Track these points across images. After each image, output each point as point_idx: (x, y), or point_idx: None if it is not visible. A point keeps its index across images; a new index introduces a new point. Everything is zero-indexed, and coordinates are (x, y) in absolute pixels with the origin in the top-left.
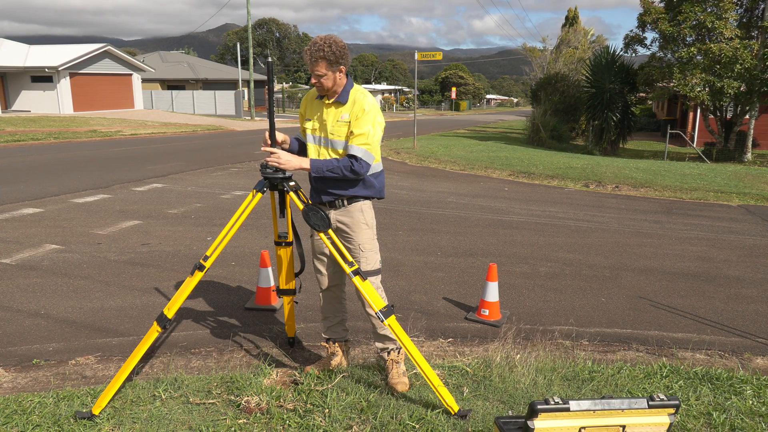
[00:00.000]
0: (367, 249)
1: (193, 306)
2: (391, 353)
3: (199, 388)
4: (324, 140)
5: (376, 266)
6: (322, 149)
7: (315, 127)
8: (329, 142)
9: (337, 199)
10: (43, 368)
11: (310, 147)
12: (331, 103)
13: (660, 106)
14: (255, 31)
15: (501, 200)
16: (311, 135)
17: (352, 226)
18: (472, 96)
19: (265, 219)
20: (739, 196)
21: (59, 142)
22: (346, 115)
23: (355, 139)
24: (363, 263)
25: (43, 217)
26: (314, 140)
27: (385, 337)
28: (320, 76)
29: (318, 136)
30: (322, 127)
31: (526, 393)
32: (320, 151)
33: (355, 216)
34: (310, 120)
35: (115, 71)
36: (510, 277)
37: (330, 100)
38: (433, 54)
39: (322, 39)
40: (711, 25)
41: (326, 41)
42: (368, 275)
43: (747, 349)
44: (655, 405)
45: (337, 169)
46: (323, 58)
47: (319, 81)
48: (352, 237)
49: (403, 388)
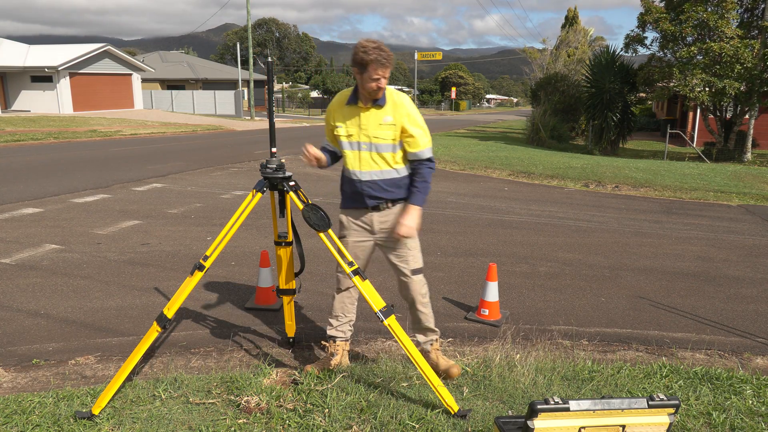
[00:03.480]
0: (413, 247)
1: (193, 306)
2: (434, 344)
3: (199, 388)
4: (366, 145)
5: (421, 264)
6: (364, 154)
7: (350, 133)
8: (373, 146)
9: (381, 203)
10: (43, 368)
11: (349, 154)
12: (369, 107)
13: (660, 105)
14: (255, 31)
15: (501, 200)
16: (347, 141)
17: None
18: (472, 96)
19: (265, 219)
20: (738, 196)
21: (59, 142)
22: (389, 118)
23: (419, 141)
24: (411, 261)
25: (43, 216)
26: (351, 146)
27: (429, 329)
28: (383, 79)
29: (356, 141)
30: (361, 132)
31: (526, 393)
32: (361, 156)
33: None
34: (341, 126)
35: (115, 71)
36: (510, 277)
37: (367, 104)
38: (433, 54)
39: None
40: (713, 24)
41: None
42: (417, 273)
43: (747, 349)
44: (654, 405)
45: (429, 182)
46: (391, 63)
47: (379, 85)
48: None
49: (458, 371)
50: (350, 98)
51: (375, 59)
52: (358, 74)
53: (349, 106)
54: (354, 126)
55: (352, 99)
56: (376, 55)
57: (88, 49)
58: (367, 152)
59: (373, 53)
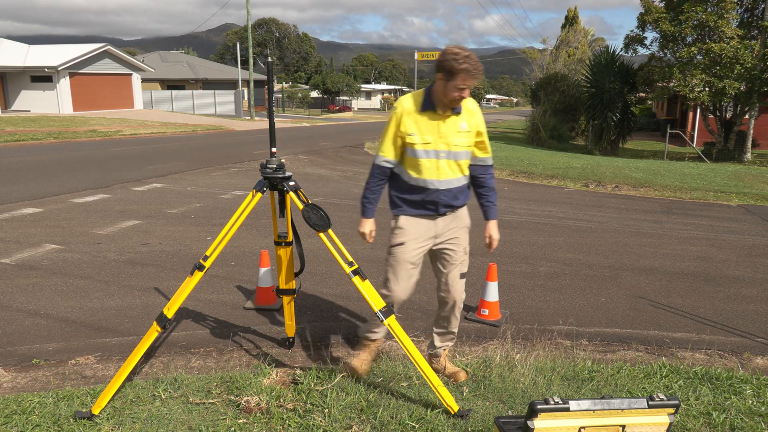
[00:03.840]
0: (468, 251)
1: (192, 306)
2: (447, 348)
3: (199, 388)
4: (445, 153)
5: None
6: (443, 162)
7: (428, 141)
8: (452, 155)
9: (449, 210)
10: (43, 368)
11: (425, 162)
12: (447, 114)
13: (660, 105)
14: (255, 30)
15: (501, 200)
16: (423, 150)
17: (460, 230)
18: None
19: (264, 219)
20: (738, 196)
21: (59, 141)
22: (465, 125)
23: (486, 148)
24: (465, 265)
25: (43, 216)
26: (428, 155)
27: (453, 333)
28: (468, 90)
29: (434, 150)
30: (440, 140)
31: (526, 393)
32: (439, 165)
33: (464, 220)
34: (415, 134)
35: (115, 71)
36: (510, 277)
37: (445, 111)
38: (433, 54)
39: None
40: (713, 24)
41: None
42: (464, 276)
43: (747, 349)
44: (654, 405)
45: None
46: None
47: (462, 95)
48: (459, 241)
49: (464, 375)
50: (425, 104)
51: (465, 69)
52: (443, 81)
53: (424, 113)
54: (432, 134)
55: (427, 105)
56: (468, 65)
57: (88, 49)
58: (445, 160)
59: (464, 63)
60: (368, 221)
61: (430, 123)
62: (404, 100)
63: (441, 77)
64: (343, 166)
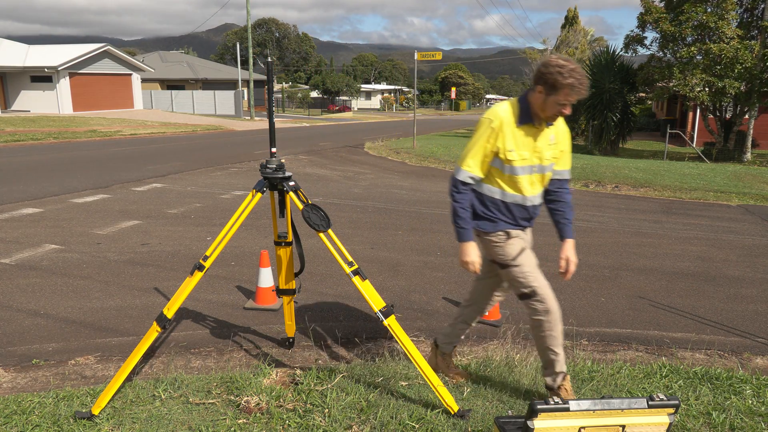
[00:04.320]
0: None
1: (192, 306)
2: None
3: (199, 388)
4: (537, 168)
5: None
6: (535, 177)
7: (525, 157)
8: (542, 168)
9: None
10: (43, 368)
11: (522, 179)
12: (542, 127)
13: (659, 105)
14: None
15: None
16: (521, 167)
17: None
18: (472, 96)
19: (264, 219)
20: (738, 196)
21: (59, 142)
22: (554, 137)
23: (567, 160)
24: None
25: (43, 217)
26: (525, 171)
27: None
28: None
29: (529, 165)
30: (534, 155)
31: (526, 393)
32: (532, 180)
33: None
34: (514, 150)
35: (115, 71)
36: None
37: (542, 124)
38: (433, 54)
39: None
40: (714, 25)
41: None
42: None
43: (746, 349)
44: (654, 405)
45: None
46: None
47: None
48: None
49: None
50: (523, 117)
51: (571, 85)
52: (542, 94)
53: (522, 127)
54: (528, 148)
55: (525, 118)
56: (573, 80)
57: (87, 49)
58: (537, 175)
59: (570, 78)
60: (470, 246)
61: (527, 137)
62: (501, 112)
63: (541, 90)
64: (342, 166)
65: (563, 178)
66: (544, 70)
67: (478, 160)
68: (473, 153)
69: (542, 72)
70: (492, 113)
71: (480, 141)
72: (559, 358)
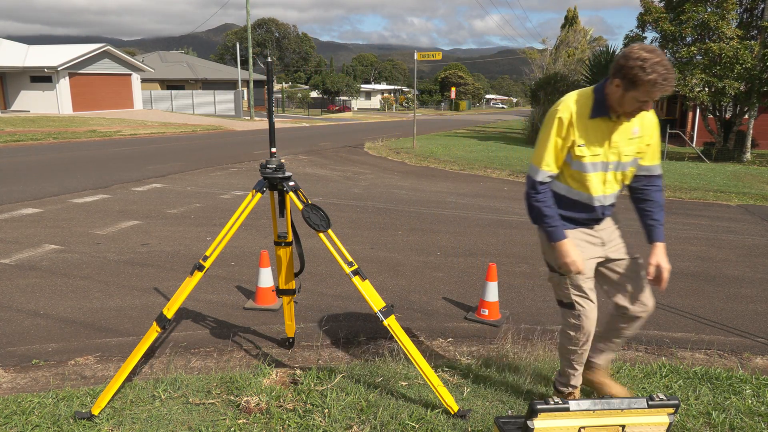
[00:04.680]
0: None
1: (192, 306)
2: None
3: (199, 388)
4: (613, 165)
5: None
6: (609, 175)
7: (598, 153)
8: (620, 165)
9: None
10: (43, 368)
11: (591, 177)
12: (621, 120)
13: (659, 105)
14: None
15: (500, 200)
16: (591, 163)
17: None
18: (472, 96)
19: (264, 219)
20: (738, 196)
21: (58, 142)
22: (637, 129)
23: (655, 154)
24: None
25: (43, 217)
26: (595, 168)
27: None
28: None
29: (602, 161)
30: (610, 151)
31: (526, 393)
32: (606, 178)
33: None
34: (585, 146)
35: (115, 71)
36: (510, 277)
37: (620, 117)
38: (433, 54)
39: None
40: (714, 25)
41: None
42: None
43: (746, 349)
44: (654, 405)
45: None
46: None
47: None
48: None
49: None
50: (596, 109)
51: (653, 81)
52: (620, 89)
53: (595, 120)
54: (601, 144)
55: (599, 110)
56: (656, 76)
57: (87, 49)
58: (612, 173)
59: (653, 73)
60: (566, 244)
61: (600, 131)
62: (570, 104)
63: (618, 84)
64: (342, 167)
65: (652, 174)
66: (624, 62)
67: (553, 156)
68: (547, 149)
69: (621, 65)
70: (562, 104)
71: (551, 136)
72: (576, 374)
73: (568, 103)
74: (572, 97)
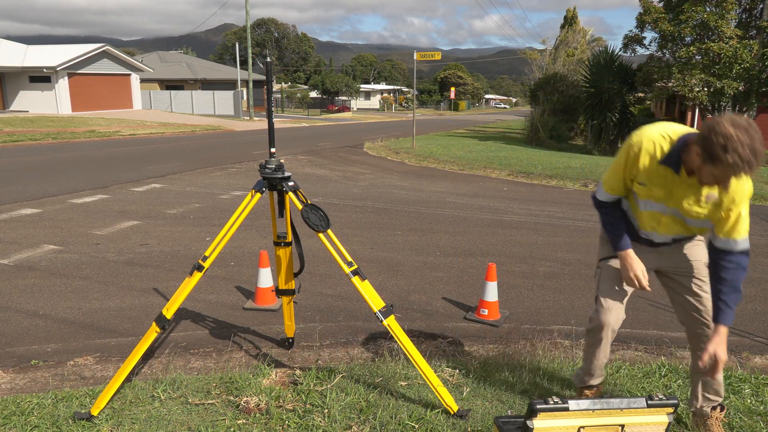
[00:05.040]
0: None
1: (192, 306)
2: (715, 410)
3: (199, 389)
4: (672, 210)
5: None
6: (668, 219)
7: (656, 195)
8: (684, 217)
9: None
10: (42, 369)
11: (644, 214)
12: (692, 179)
13: (658, 105)
14: (254, 31)
15: (500, 200)
16: (645, 201)
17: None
18: (471, 96)
19: (264, 219)
20: None
21: (57, 142)
22: (714, 195)
23: (738, 226)
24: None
25: (42, 217)
26: (648, 206)
27: (715, 391)
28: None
29: (662, 204)
30: (670, 199)
31: (525, 392)
32: (662, 220)
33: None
34: (646, 185)
35: (114, 71)
36: (509, 277)
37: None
38: (432, 54)
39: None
40: (714, 25)
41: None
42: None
43: (745, 348)
44: (653, 404)
45: (740, 291)
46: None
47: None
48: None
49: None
50: (668, 158)
51: (733, 165)
52: (699, 158)
53: (665, 169)
54: (664, 190)
55: (670, 161)
56: (737, 160)
57: (86, 49)
58: (671, 217)
59: (734, 155)
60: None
61: (666, 179)
62: (646, 140)
63: (698, 153)
64: (342, 167)
65: (725, 249)
66: (707, 134)
67: (619, 183)
68: (615, 176)
69: (704, 136)
70: (638, 138)
71: (620, 164)
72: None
73: (644, 140)
74: (652, 134)
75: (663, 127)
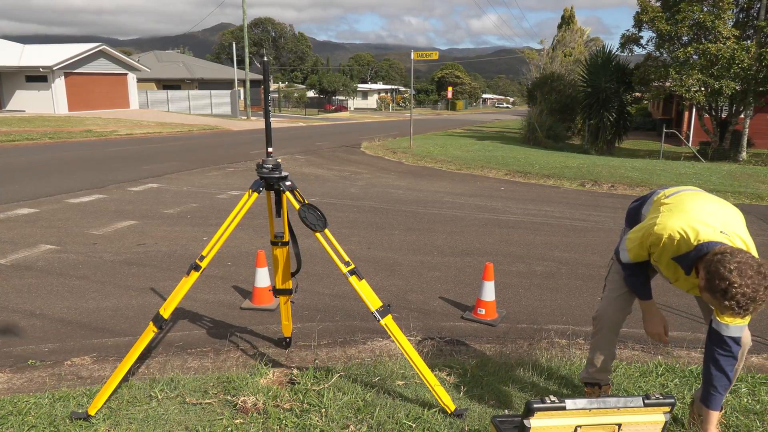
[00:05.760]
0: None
1: (189, 306)
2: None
3: (196, 388)
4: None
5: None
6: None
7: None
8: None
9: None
10: (39, 369)
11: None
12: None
13: (656, 105)
14: (251, 30)
15: (497, 199)
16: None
17: None
18: (469, 95)
19: (261, 219)
20: (734, 195)
21: (54, 142)
22: None
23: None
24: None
25: (39, 217)
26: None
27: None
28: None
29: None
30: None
31: (523, 392)
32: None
33: None
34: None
35: (111, 71)
36: (506, 277)
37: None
38: (429, 53)
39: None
40: (711, 24)
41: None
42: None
43: None
44: (650, 403)
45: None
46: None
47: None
48: None
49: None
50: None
51: (730, 308)
52: (704, 282)
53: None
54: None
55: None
56: (734, 306)
57: (83, 48)
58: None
59: (733, 302)
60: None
61: (677, 271)
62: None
63: (704, 278)
64: (339, 166)
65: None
66: (713, 271)
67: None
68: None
69: (711, 270)
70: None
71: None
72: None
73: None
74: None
75: (686, 220)
